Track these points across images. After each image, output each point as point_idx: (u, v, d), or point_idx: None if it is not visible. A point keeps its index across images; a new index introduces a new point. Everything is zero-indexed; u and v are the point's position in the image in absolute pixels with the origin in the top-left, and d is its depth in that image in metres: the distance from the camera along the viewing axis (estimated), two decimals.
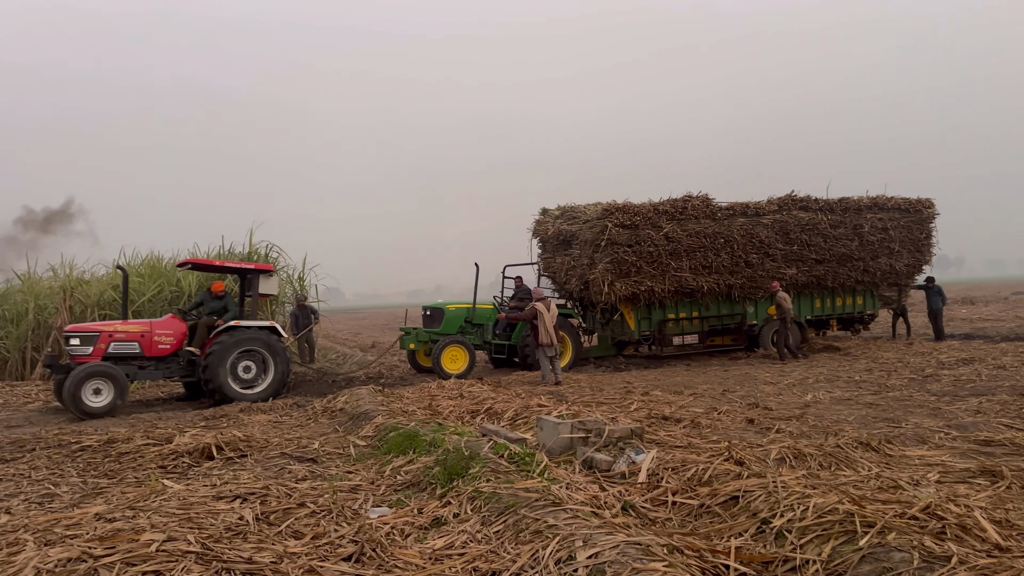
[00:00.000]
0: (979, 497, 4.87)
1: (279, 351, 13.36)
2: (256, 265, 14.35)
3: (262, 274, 13.99)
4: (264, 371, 13.31)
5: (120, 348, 12.62)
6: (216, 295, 13.81)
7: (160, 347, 12.94)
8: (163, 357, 13.00)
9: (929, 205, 19.15)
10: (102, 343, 12.50)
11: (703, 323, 17.30)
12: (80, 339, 12.49)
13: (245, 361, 13.09)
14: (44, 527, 4.92)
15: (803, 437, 7.42)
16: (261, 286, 13.91)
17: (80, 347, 12.42)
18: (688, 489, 5.25)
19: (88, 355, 12.38)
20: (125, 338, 12.68)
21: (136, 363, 12.75)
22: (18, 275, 19.57)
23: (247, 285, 14.33)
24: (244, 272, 14.36)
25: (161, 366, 13.00)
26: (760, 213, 17.21)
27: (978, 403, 9.12)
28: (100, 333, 12.60)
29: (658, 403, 10.03)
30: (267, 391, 13.15)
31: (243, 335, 13.08)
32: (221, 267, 14.80)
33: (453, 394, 11.36)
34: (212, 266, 14.78)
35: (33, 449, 8.39)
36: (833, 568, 3.73)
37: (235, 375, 13.00)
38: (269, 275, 14.16)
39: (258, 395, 13.01)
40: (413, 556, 4.36)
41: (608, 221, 15.81)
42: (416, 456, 6.80)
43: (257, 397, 12.91)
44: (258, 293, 13.94)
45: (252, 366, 13.16)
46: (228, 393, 12.78)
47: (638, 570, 3.55)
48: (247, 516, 5.08)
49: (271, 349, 13.28)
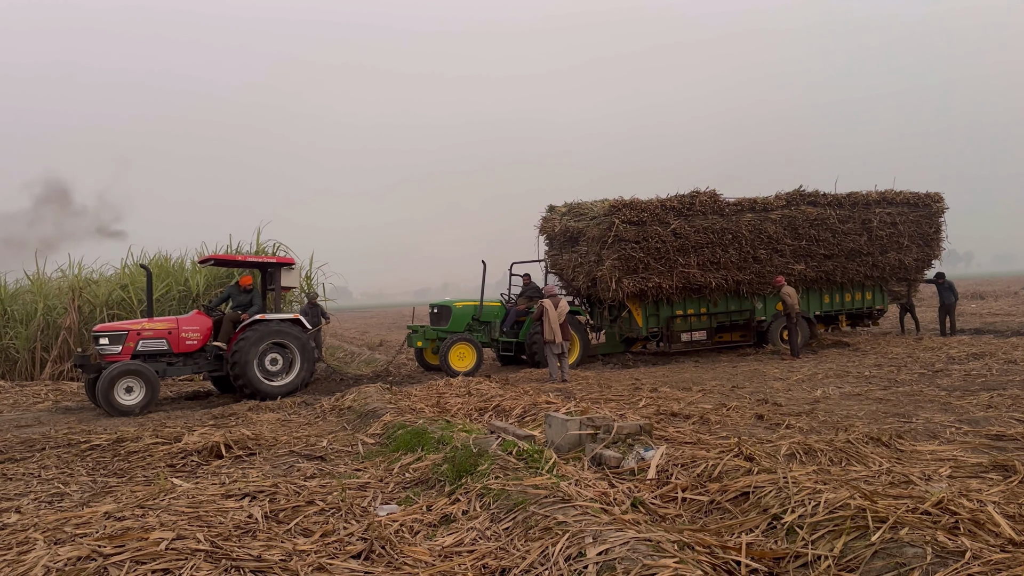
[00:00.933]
0: (992, 492, 4.84)
1: (304, 342, 13.60)
2: (278, 259, 14.53)
3: (283, 267, 14.22)
4: (291, 363, 13.55)
5: (149, 346, 12.87)
6: (244, 289, 14.04)
7: (187, 343, 13.19)
8: (191, 353, 13.26)
9: (938, 199, 19.05)
10: (131, 341, 12.73)
11: (711, 319, 17.24)
12: (109, 338, 12.71)
13: (272, 354, 13.34)
14: (54, 526, 4.93)
15: (813, 433, 7.39)
16: (283, 279, 14.14)
17: (109, 346, 12.65)
18: (698, 485, 5.23)
19: (118, 354, 12.61)
20: (153, 336, 12.93)
21: (165, 360, 13.02)
22: (27, 275, 19.66)
23: (269, 279, 14.50)
24: (266, 266, 14.55)
25: (189, 362, 13.27)
26: (768, 208, 17.14)
27: (989, 398, 9.07)
28: (128, 332, 12.81)
29: (667, 400, 9.99)
30: (295, 382, 13.42)
31: (268, 328, 13.30)
32: (243, 262, 15.07)
33: (461, 392, 11.35)
34: (234, 261, 15.08)
35: (43, 448, 8.42)
36: (845, 564, 3.70)
37: (263, 368, 13.22)
38: (290, 268, 14.40)
39: (286, 387, 13.28)
40: (422, 553, 4.35)
41: (615, 217, 15.77)
42: (425, 454, 6.79)
43: (285, 389, 13.20)
44: (281, 286, 14.15)
45: (279, 359, 13.40)
46: (257, 387, 13.02)
47: (649, 566, 3.53)
48: (256, 514, 5.08)
49: (296, 341, 13.51)
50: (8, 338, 18.39)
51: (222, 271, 19.27)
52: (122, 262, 20.06)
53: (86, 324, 18.28)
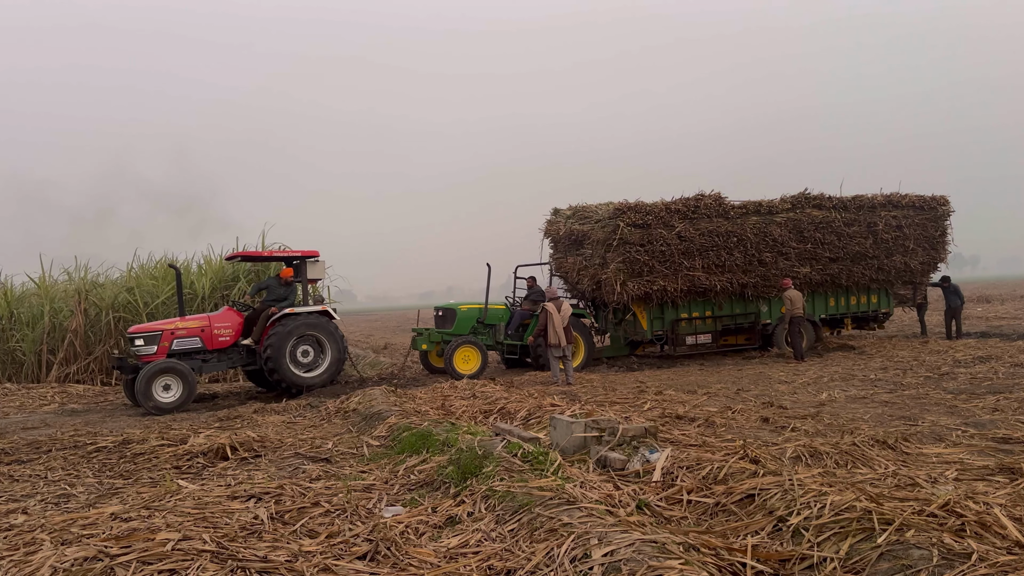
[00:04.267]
0: (998, 494, 4.82)
1: (334, 333, 13.87)
2: (303, 252, 14.68)
3: (309, 260, 14.46)
4: (321, 354, 13.85)
5: (183, 344, 13.16)
6: (285, 282, 14.31)
7: (220, 340, 13.51)
8: (224, 349, 13.57)
9: (944, 202, 18.98)
10: (165, 341, 13.00)
11: (716, 322, 17.21)
12: (144, 339, 12.97)
13: (303, 346, 13.63)
14: (60, 527, 4.95)
15: (819, 435, 7.37)
16: (309, 271, 14.42)
17: (145, 347, 12.90)
18: (703, 487, 5.22)
19: (153, 354, 12.86)
20: (187, 334, 13.22)
21: (200, 357, 13.31)
22: (32, 279, 19.73)
23: (295, 272, 14.66)
24: (291, 260, 14.78)
25: (224, 358, 13.61)
26: (773, 211, 17.11)
27: (995, 401, 9.04)
28: (162, 332, 13.09)
29: (672, 402, 9.98)
30: (327, 372, 13.78)
31: (298, 321, 13.54)
32: (270, 256, 15.56)
33: (466, 394, 11.35)
34: (261, 256, 15.60)
35: (49, 450, 8.45)
36: (851, 566, 3.70)
37: (295, 360, 13.51)
38: (316, 260, 14.62)
39: (318, 378, 13.64)
40: (428, 555, 4.36)
41: (620, 220, 15.76)
42: (430, 455, 6.80)
43: (318, 380, 13.58)
44: (308, 279, 14.41)
45: (310, 351, 13.72)
46: (291, 379, 13.35)
47: (654, 568, 3.53)
48: (262, 515, 5.09)
49: (326, 332, 13.79)
50: (15, 341, 18.48)
51: (228, 273, 19.35)
52: (128, 265, 20.14)
53: (92, 327, 18.35)
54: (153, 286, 18.99)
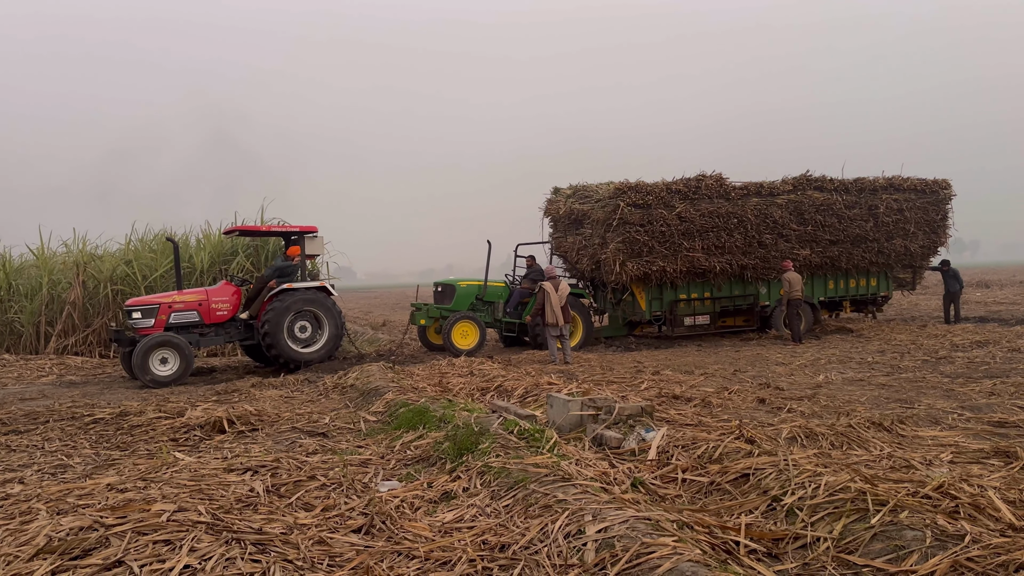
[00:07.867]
0: (993, 477, 4.83)
1: (331, 309, 13.87)
2: (301, 227, 14.64)
3: (307, 235, 14.40)
4: (319, 329, 13.86)
5: (180, 318, 13.16)
6: (290, 259, 14.27)
7: (218, 314, 13.51)
8: (222, 323, 13.58)
9: (946, 186, 18.88)
10: (163, 314, 12.99)
11: (715, 304, 17.18)
12: (142, 312, 12.95)
13: (301, 321, 13.63)
14: (57, 497, 4.96)
15: (815, 417, 7.39)
16: (308, 247, 14.36)
17: (142, 320, 12.89)
18: (698, 466, 5.24)
19: (151, 327, 12.85)
20: (184, 308, 13.21)
21: (197, 331, 13.32)
22: (31, 250, 19.69)
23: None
24: (290, 235, 14.75)
25: (221, 332, 13.62)
26: (774, 193, 17.02)
27: (992, 385, 9.05)
28: (160, 305, 13.07)
29: (669, 382, 9.99)
30: (325, 348, 13.77)
31: (295, 297, 13.53)
32: (268, 231, 15.45)
33: (463, 372, 11.37)
34: (259, 231, 15.46)
35: (47, 421, 8.46)
36: (844, 546, 3.71)
37: (292, 336, 13.51)
38: (314, 236, 14.55)
39: (316, 353, 13.63)
40: (422, 529, 4.37)
41: (620, 200, 15.68)
42: (426, 431, 6.81)
43: (316, 356, 13.58)
44: (306, 254, 14.37)
45: (307, 326, 13.71)
46: (289, 354, 13.35)
47: (648, 544, 3.54)
48: (258, 488, 5.11)
49: (324, 308, 13.78)
50: (13, 312, 18.48)
51: (226, 248, 19.29)
52: (126, 238, 20.06)
53: (90, 299, 18.33)
54: (152, 259, 18.93)
